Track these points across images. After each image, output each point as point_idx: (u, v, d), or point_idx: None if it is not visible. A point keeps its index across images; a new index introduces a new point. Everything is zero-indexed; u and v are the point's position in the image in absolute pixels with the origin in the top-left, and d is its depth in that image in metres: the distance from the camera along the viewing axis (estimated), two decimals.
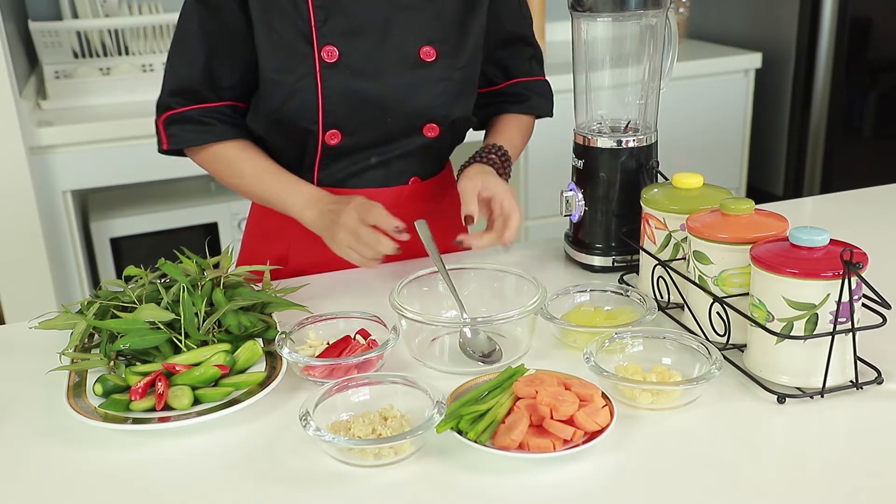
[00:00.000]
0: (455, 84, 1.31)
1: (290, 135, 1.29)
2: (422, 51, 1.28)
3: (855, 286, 0.93)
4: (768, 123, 3.06)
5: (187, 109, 1.27)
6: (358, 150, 1.31)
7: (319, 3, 1.24)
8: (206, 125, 1.28)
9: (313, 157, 1.30)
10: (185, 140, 1.29)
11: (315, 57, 1.24)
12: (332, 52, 1.24)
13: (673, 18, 1.29)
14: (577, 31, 1.32)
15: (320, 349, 1.07)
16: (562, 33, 3.19)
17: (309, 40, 1.24)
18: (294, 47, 1.24)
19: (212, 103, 1.28)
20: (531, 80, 1.46)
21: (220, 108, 1.29)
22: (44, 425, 0.97)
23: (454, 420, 0.89)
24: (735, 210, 1.06)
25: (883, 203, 1.61)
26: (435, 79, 1.29)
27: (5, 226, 2.17)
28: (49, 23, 2.46)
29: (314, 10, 1.24)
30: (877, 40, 2.90)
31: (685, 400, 0.96)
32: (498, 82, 1.45)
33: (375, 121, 1.29)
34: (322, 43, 1.24)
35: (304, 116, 1.26)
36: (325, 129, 1.27)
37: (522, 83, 1.45)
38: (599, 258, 1.33)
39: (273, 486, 0.86)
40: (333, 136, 1.27)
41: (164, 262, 1.13)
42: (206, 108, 1.28)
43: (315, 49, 1.24)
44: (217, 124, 1.29)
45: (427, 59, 1.28)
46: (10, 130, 2.11)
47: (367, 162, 1.32)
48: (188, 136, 1.28)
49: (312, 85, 1.24)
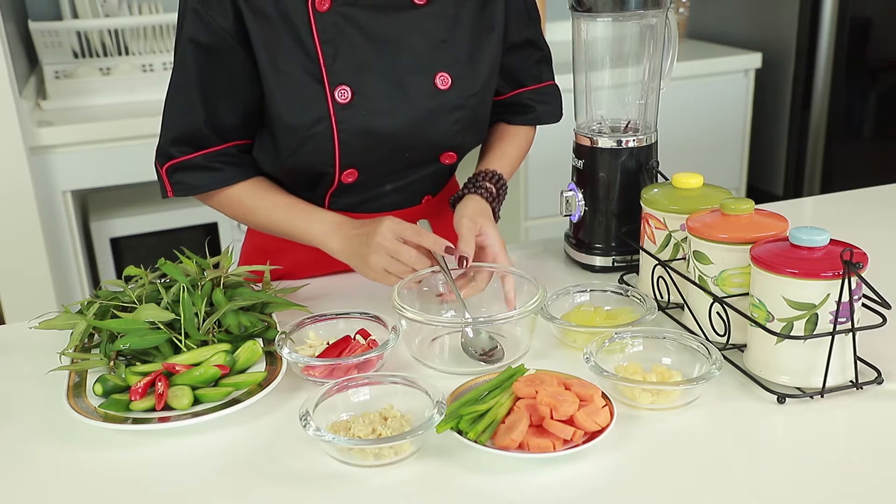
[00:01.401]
0: (470, 111, 1.25)
1: (303, 177, 1.25)
2: (437, 77, 1.22)
3: (855, 286, 0.93)
4: (768, 123, 3.06)
5: (192, 157, 1.21)
6: (373, 181, 1.27)
7: (326, 38, 1.16)
8: (214, 171, 1.22)
9: (326, 191, 1.26)
10: (192, 188, 1.23)
11: (328, 99, 1.17)
12: (345, 93, 1.17)
13: (673, 18, 1.29)
14: (577, 31, 1.32)
15: (320, 349, 1.07)
16: (562, 33, 3.19)
17: (320, 80, 1.17)
18: (304, 89, 1.17)
19: (216, 147, 1.22)
20: (538, 87, 1.40)
21: (226, 150, 1.23)
22: (44, 425, 0.97)
23: (454, 420, 0.89)
24: (735, 210, 1.06)
25: (883, 203, 1.61)
26: (451, 107, 1.23)
27: (5, 226, 2.17)
28: (49, 23, 2.46)
29: (322, 48, 1.16)
30: (877, 40, 2.90)
31: (685, 400, 0.96)
32: (504, 92, 1.38)
33: (393, 155, 1.24)
34: (334, 83, 1.17)
35: (320, 160, 1.20)
36: (342, 169, 1.22)
37: (527, 93, 1.39)
38: (599, 258, 1.33)
39: (273, 486, 0.86)
40: (350, 175, 1.23)
41: (164, 262, 1.13)
42: (211, 153, 1.22)
43: (327, 90, 1.17)
44: (225, 168, 1.23)
45: (443, 87, 1.22)
46: (10, 130, 2.11)
47: (382, 189, 1.29)
48: (196, 182, 1.22)
49: (328, 129, 1.18)
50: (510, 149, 1.37)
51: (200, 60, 1.16)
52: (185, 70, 1.18)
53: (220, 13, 1.14)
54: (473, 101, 1.25)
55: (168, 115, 1.22)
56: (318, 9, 1.16)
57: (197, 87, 1.18)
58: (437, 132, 1.24)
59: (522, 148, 1.40)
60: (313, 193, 1.28)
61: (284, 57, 1.16)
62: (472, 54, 1.24)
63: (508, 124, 1.40)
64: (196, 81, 1.17)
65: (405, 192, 1.31)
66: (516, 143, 1.38)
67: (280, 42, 1.16)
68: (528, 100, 1.39)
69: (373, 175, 1.26)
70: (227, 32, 1.14)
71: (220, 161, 1.23)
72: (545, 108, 1.41)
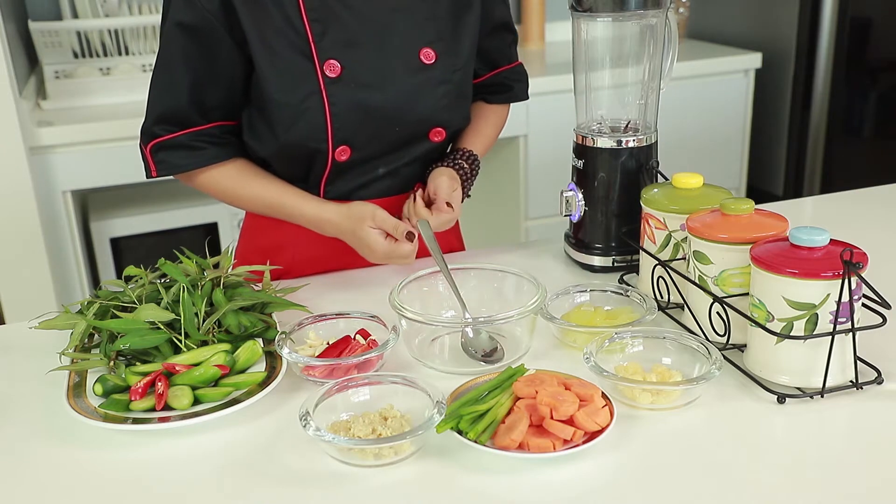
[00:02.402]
0: (455, 87, 1.30)
1: (298, 157, 1.27)
2: (422, 53, 1.26)
3: (855, 286, 0.93)
4: (768, 123, 3.06)
5: (175, 136, 1.24)
6: (366, 162, 1.30)
7: (315, 17, 1.20)
8: (197, 150, 1.25)
9: (320, 174, 1.28)
10: (176, 167, 1.26)
11: (318, 73, 1.21)
12: (334, 67, 1.21)
13: (673, 18, 1.29)
14: (577, 31, 1.32)
15: (320, 349, 1.07)
16: (562, 33, 3.19)
17: (309, 56, 1.20)
18: (295, 65, 1.20)
19: (200, 126, 1.25)
20: (511, 67, 1.47)
21: (209, 130, 1.26)
22: (44, 425, 0.97)
23: (454, 420, 0.89)
24: (735, 210, 1.06)
25: (883, 203, 1.61)
26: (436, 82, 1.28)
27: (5, 226, 2.17)
28: (49, 23, 2.46)
29: (311, 25, 1.20)
30: (877, 40, 2.90)
31: (685, 400, 0.96)
32: (482, 73, 1.44)
33: (384, 131, 1.27)
34: (323, 58, 1.21)
35: (313, 137, 1.23)
36: (335, 146, 1.24)
37: (504, 72, 1.46)
38: (599, 258, 1.33)
39: (273, 486, 0.86)
40: (343, 152, 1.25)
41: (164, 262, 1.13)
42: (194, 132, 1.25)
43: (317, 65, 1.21)
44: (208, 147, 1.26)
45: (427, 62, 1.27)
46: (10, 130, 2.11)
47: (375, 173, 1.31)
48: (179, 161, 1.25)
49: (319, 104, 1.21)
50: (488, 129, 1.45)
51: (185, 42, 1.20)
52: (169, 51, 1.21)
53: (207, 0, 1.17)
54: (458, 77, 1.30)
55: (153, 95, 1.25)
56: None
57: (181, 67, 1.21)
58: (426, 107, 1.28)
59: (498, 126, 1.49)
60: (307, 181, 1.31)
61: (274, 36, 1.20)
62: (455, 31, 1.30)
63: (487, 103, 1.47)
64: (181, 62, 1.21)
65: (397, 177, 1.34)
66: (493, 121, 1.47)
67: (269, 22, 1.20)
68: (505, 79, 1.46)
69: (365, 154, 1.29)
70: (213, 14, 1.18)
71: (204, 141, 1.26)
72: (520, 87, 1.49)
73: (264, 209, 1.31)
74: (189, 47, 1.20)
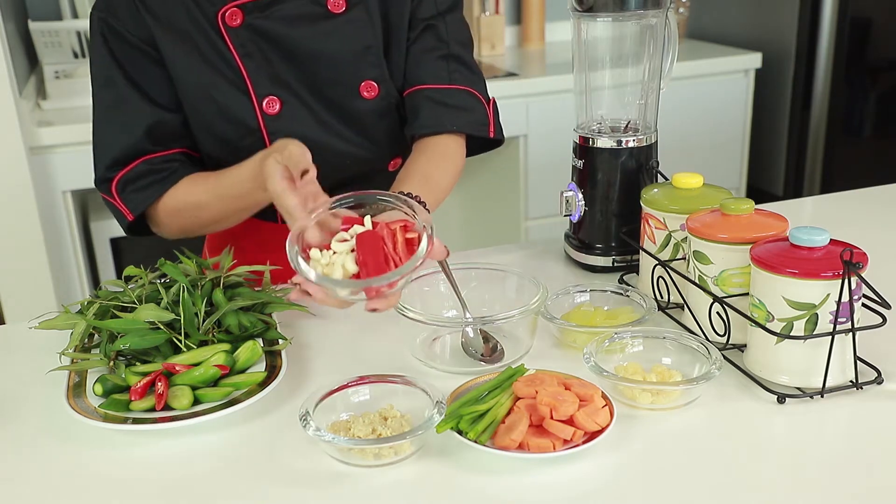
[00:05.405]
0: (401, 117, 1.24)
1: None
2: (361, 87, 1.20)
3: (855, 286, 0.93)
4: (768, 123, 3.06)
5: (134, 165, 1.18)
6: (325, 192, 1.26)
7: (245, 53, 1.16)
8: (160, 172, 1.18)
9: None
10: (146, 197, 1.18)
11: (256, 111, 1.16)
12: (272, 103, 1.16)
13: (673, 18, 1.29)
14: (577, 31, 1.32)
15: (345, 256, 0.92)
16: (562, 33, 3.20)
17: (246, 93, 1.16)
18: (232, 100, 1.16)
19: (157, 153, 1.19)
20: (442, 87, 1.23)
21: (168, 156, 1.20)
22: (44, 425, 0.97)
23: (454, 420, 0.89)
24: (735, 210, 1.06)
25: (883, 203, 1.61)
26: (378, 115, 1.21)
27: (5, 226, 2.17)
28: (49, 23, 2.46)
29: (242, 61, 1.16)
30: (877, 40, 2.90)
31: (685, 400, 0.96)
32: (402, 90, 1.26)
33: (334, 166, 1.21)
34: (261, 95, 1.16)
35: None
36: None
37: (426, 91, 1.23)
38: (599, 258, 1.33)
39: (273, 486, 0.86)
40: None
41: (164, 262, 1.12)
42: (152, 158, 1.18)
43: (254, 102, 1.16)
44: (167, 170, 1.19)
45: (369, 97, 1.20)
46: (10, 130, 2.11)
47: None
48: (148, 190, 1.17)
49: (259, 142, 1.17)
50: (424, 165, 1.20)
51: (125, 74, 1.16)
52: (111, 89, 1.17)
53: (133, 26, 1.15)
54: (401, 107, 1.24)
55: (101, 142, 1.19)
56: (229, 24, 1.15)
57: (129, 100, 1.16)
58: (375, 140, 1.23)
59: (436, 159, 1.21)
60: (265, 210, 1.21)
61: (209, 70, 1.15)
62: (391, 56, 1.22)
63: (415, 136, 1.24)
64: (126, 96, 1.16)
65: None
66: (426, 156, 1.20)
67: (202, 55, 1.15)
68: (424, 98, 1.22)
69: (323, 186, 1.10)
70: (144, 41, 1.15)
71: (162, 165, 1.20)
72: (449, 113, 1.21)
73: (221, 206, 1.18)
74: (131, 76, 1.16)
